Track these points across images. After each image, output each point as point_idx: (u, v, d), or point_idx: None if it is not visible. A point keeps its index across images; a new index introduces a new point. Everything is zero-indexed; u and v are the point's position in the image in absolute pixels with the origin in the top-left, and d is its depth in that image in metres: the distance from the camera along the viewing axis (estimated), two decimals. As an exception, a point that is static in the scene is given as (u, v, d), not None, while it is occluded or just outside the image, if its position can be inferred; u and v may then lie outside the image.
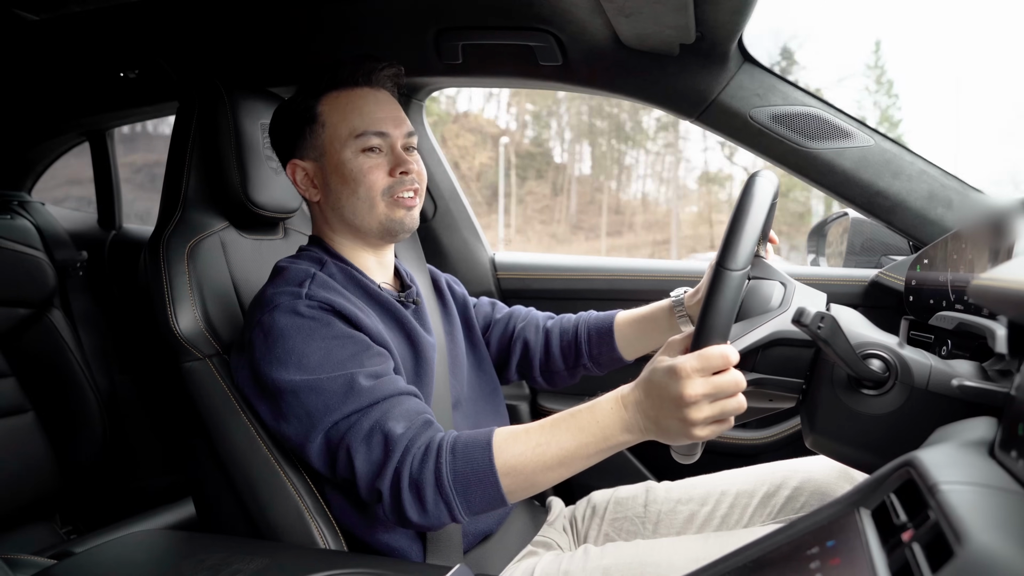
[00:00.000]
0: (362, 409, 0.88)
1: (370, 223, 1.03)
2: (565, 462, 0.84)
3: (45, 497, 1.76)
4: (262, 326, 0.94)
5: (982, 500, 0.47)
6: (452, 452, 0.84)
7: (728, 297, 0.77)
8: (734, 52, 1.28)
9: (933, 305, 1.08)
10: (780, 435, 1.51)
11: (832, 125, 1.30)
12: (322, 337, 0.91)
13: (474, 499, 0.84)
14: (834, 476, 1.08)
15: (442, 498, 0.84)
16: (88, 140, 2.14)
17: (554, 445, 0.83)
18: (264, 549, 0.88)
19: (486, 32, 1.33)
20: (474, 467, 0.83)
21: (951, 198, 1.28)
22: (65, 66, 1.61)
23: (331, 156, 1.02)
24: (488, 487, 0.83)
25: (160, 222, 1.15)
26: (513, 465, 0.83)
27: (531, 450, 0.83)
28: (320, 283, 0.98)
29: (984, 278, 0.58)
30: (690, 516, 1.14)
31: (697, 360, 0.76)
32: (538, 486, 0.86)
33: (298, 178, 1.06)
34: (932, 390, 0.73)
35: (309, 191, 1.06)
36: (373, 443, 0.87)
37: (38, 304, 1.83)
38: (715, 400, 0.76)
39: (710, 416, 0.76)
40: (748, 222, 0.79)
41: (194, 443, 1.06)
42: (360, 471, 0.87)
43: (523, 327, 1.26)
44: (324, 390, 0.89)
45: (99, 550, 0.90)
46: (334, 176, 1.02)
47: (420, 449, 0.85)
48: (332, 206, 1.05)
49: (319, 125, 1.03)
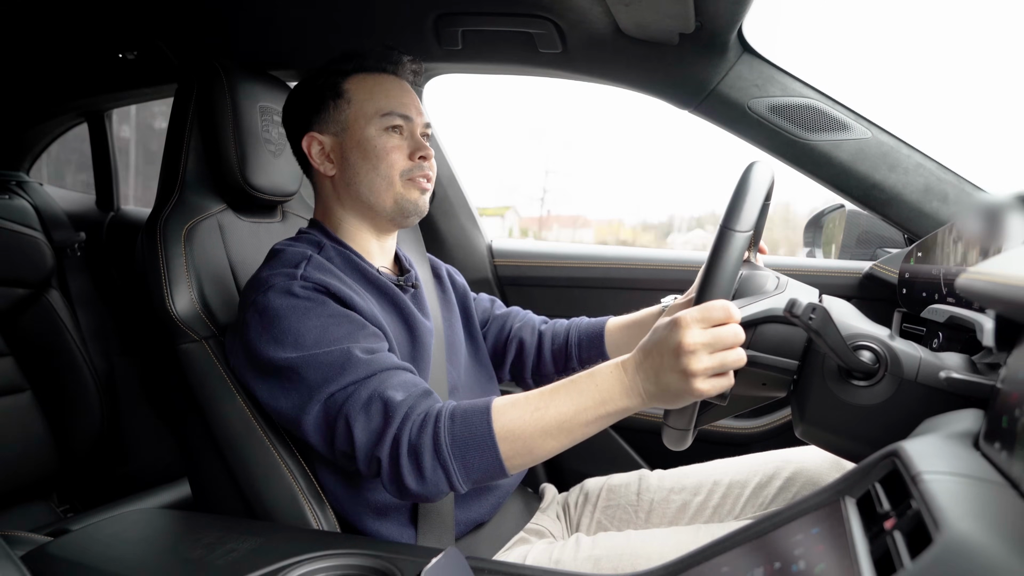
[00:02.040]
0: (359, 380, 0.88)
1: (385, 201, 1.05)
2: (564, 427, 0.83)
3: (42, 476, 1.78)
4: (256, 306, 0.94)
5: (963, 490, 0.48)
6: (451, 418, 0.84)
7: (731, 256, 0.78)
8: (733, 42, 1.28)
9: (926, 298, 1.09)
10: (772, 424, 1.52)
11: (830, 117, 1.30)
12: (317, 316, 0.92)
13: (472, 465, 0.83)
14: (827, 466, 1.08)
15: (440, 464, 0.83)
16: (86, 121, 2.14)
17: (552, 409, 0.83)
18: (259, 529, 0.89)
19: (486, 18, 1.32)
20: (472, 431, 0.83)
21: (947, 192, 1.29)
22: (64, 47, 1.60)
23: (354, 132, 1.04)
24: (486, 452, 0.83)
25: (157, 204, 1.16)
26: (511, 430, 0.83)
27: (529, 415, 0.83)
28: (316, 265, 0.98)
29: (972, 272, 0.59)
30: (683, 505, 1.14)
31: (698, 311, 0.76)
32: (536, 453, 0.84)
33: (314, 151, 1.06)
34: (921, 382, 0.74)
35: (324, 165, 1.06)
36: (372, 411, 0.86)
37: (36, 284, 1.83)
38: (715, 351, 0.76)
39: (709, 367, 0.75)
40: (752, 187, 0.81)
41: (190, 424, 1.07)
42: (359, 440, 0.86)
43: (520, 327, 1.27)
44: (321, 364, 0.89)
45: (95, 528, 0.91)
46: (355, 151, 1.04)
47: (419, 416, 0.85)
48: (348, 181, 1.05)
49: (344, 101, 1.05)
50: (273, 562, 0.74)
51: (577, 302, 1.70)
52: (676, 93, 1.37)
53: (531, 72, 1.48)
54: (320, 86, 1.06)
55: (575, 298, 1.71)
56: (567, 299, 1.72)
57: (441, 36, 1.38)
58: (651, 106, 1.32)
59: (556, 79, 1.50)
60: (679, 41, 1.27)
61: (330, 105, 1.05)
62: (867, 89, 69.92)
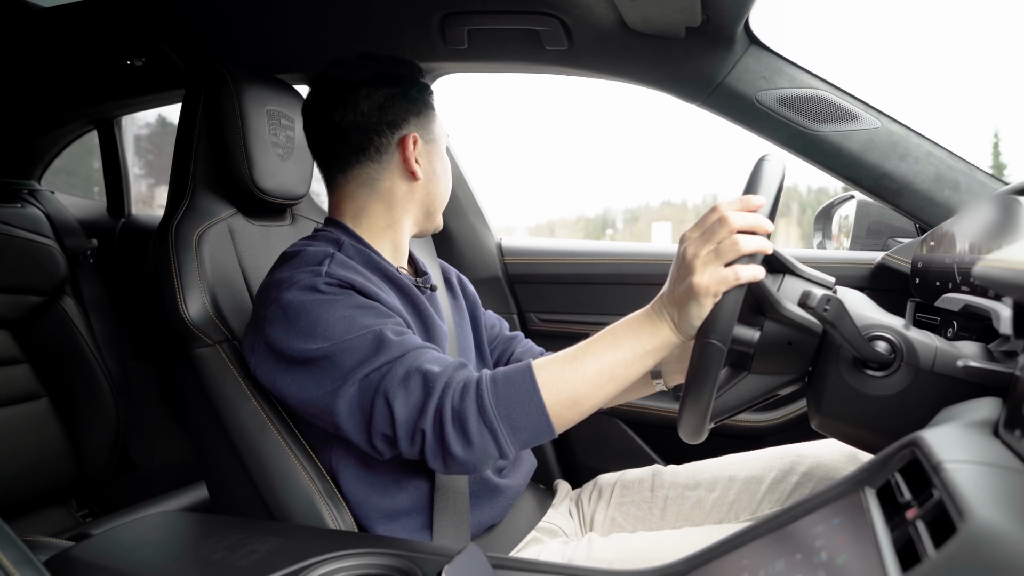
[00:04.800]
0: (394, 359, 0.87)
1: (440, 213, 1.14)
2: (604, 371, 0.84)
3: (60, 481, 1.79)
4: (280, 303, 0.92)
5: (985, 478, 0.48)
6: (493, 382, 0.84)
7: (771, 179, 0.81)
8: (740, 34, 1.27)
9: (939, 287, 1.08)
10: (786, 417, 1.52)
11: (839, 107, 1.30)
12: (344, 307, 0.91)
13: (519, 424, 0.83)
14: (843, 460, 1.07)
15: (487, 426, 0.82)
16: (96, 129, 2.15)
17: (591, 356, 0.84)
18: (279, 529, 0.89)
19: (492, 16, 1.33)
20: (516, 389, 0.83)
21: (958, 180, 1.28)
22: (72, 55, 1.61)
23: (439, 144, 1.11)
24: (533, 408, 0.83)
25: (168, 210, 1.16)
26: (553, 382, 0.83)
27: (569, 364, 0.84)
28: (339, 263, 0.98)
29: (989, 260, 0.58)
30: (698, 502, 1.13)
31: (696, 223, 0.82)
32: (582, 405, 0.85)
33: (409, 150, 1.07)
34: (937, 371, 0.74)
35: (415, 167, 1.07)
36: (411, 385, 0.85)
37: (50, 292, 1.85)
38: (707, 242, 0.79)
39: (705, 260, 0.78)
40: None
41: (205, 427, 1.07)
42: (400, 416, 0.85)
43: (521, 352, 1.27)
44: (354, 348, 0.88)
45: (117, 531, 0.92)
46: (439, 163, 1.11)
47: (460, 384, 0.85)
48: (429, 190, 1.10)
49: (435, 114, 1.12)
50: (295, 562, 0.74)
51: (588, 298, 1.70)
52: (683, 87, 1.37)
53: (537, 70, 1.48)
54: (420, 90, 1.09)
55: (586, 294, 1.71)
56: (578, 295, 1.72)
57: (447, 35, 1.38)
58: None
59: (560, 76, 1.50)
60: (686, 35, 1.27)
61: (430, 114, 1.10)
62: (876, 78, 69.65)
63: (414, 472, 1.01)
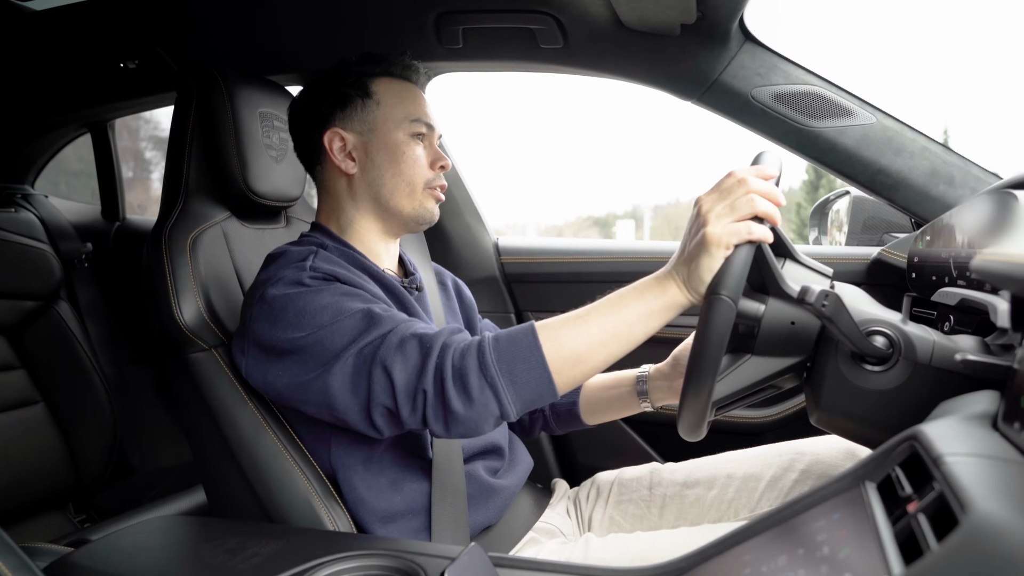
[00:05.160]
0: (386, 332, 0.87)
1: (403, 207, 1.06)
2: (609, 330, 0.83)
3: (57, 487, 1.78)
4: (265, 300, 0.92)
5: (986, 470, 0.48)
6: (495, 339, 0.84)
7: None
8: (735, 31, 1.27)
9: (935, 281, 1.08)
10: (784, 413, 1.52)
11: (834, 103, 1.30)
12: (330, 295, 0.91)
13: (521, 380, 0.82)
14: (841, 456, 1.07)
15: (488, 382, 0.81)
16: (89, 131, 2.14)
17: (595, 315, 0.83)
18: (279, 532, 0.89)
19: (486, 15, 1.32)
20: (518, 345, 0.82)
21: (953, 175, 1.28)
22: (65, 57, 1.61)
23: (382, 134, 1.04)
24: (534, 363, 0.81)
25: (162, 213, 1.16)
26: (557, 338, 0.82)
27: (573, 322, 0.83)
28: (323, 258, 0.98)
29: (986, 253, 0.59)
30: (696, 500, 1.13)
31: (713, 185, 0.81)
32: (584, 363, 0.83)
33: (335, 147, 1.05)
34: (936, 365, 0.74)
35: (345, 163, 1.05)
36: (408, 349, 0.84)
37: (44, 296, 1.84)
38: (725, 197, 0.78)
39: (721, 215, 0.77)
40: None
41: (202, 431, 1.07)
42: (399, 382, 0.84)
43: None
44: (345, 329, 0.87)
45: (116, 536, 0.91)
46: (381, 153, 1.04)
47: (460, 344, 0.84)
48: (370, 182, 1.05)
49: (373, 102, 1.05)
50: (296, 564, 0.74)
51: (585, 297, 1.68)
52: (679, 85, 1.37)
53: (533, 68, 1.48)
54: (346, 83, 1.05)
55: (583, 293, 1.69)
56: (575, 294, 1.71)
57: (442, 35, 1.38)
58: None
59: (556, 74, 1.50)
60: (681, 32, 1.27)
61: (358, 103, 1.05)
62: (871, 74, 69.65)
63: (412, 473, 1.00)
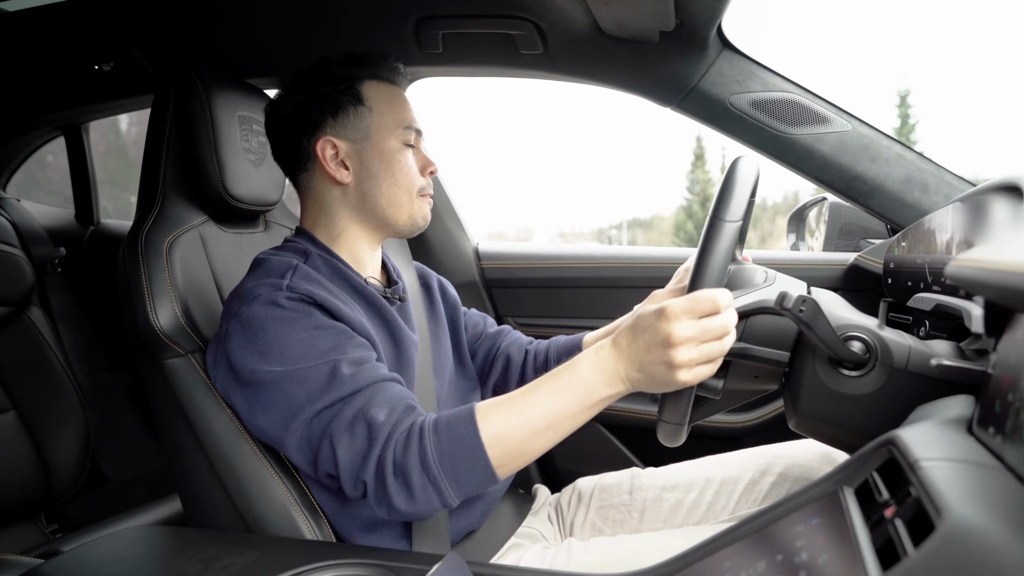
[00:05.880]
0: (344, 398, 0.86)
1: (399, 214, 1.05)
2: (551, 424, 0.82)
3: (29, 496, 1.74)
4: (240, 318, 0.91)
5: (961, 475, 0.48)
6: (435, 432, 0.82)
7: (722, 245, 0.78)
8: (713, 39, 1.28)
9: (911, 287, 1.10)
10: (763, 418, 1.53)
11: (811, 111, 1.32)
12: (303, 328, 0.90)
13: (463, 477, 0.81)
14: (818, 461, 1.08)
15: (430, 481, 0.81)
16: (63, 134, 2.11)
17: (538, 407, 0.82)
18: (255, 542, 0.88)
19: (466, 20, 1.32)
20: (460, 443, 0.81)
21: (927, 181, 1.30)
22: (38, 59, 1.58)
23: (376, 142, 1.03)
24: (476, 462, 0.81)
25: (138, 217, 1.14)
26: (499, 434, 0.81)
27: (515, 416, 0.81)
28: (302, 275, 0.96)
29: (961, 259, 0.59)
30: (676, 504, 1.14)
31: (687, 302, 0.76)
32: (527, 455, 0.83)
33: (327, 155, 1.02)
34: (911, 370, 0.75)
35: (339, 172, 1.03)
36: (356, 432, 0.84)
37: (16, 302, 1.80)
38: (702, 343, 0.76)
39: (695, 359, 0.76)
40: (740, 179, 0.82)
41: (179, 438, 1.05)
42: (343, 462, 0.84)
43: (508, 344, 1.26)
44: (306, 379, 0.87)
45: (88, 548, 0.89)
46: (377, 161, 1.03)
47: (403, 434, 0.83)
48: (364, 191, 1.03)
49: (366, 108, 1.03)
50: (273, 575, 0.73)
51: (565, 302, 1.70)
52: (658, 91, 1.38)
53: (513, 73, 1.48)
54: (337, 89, 1.02)
55: (563, 298, 1.71)
56: (555, 300, 1.72)
57: (421, 40, 1.38)
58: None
59: (536, 80, 1.50)
60: (659, 39, 1.28)
61: (350, 110, 1.02)
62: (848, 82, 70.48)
63: None
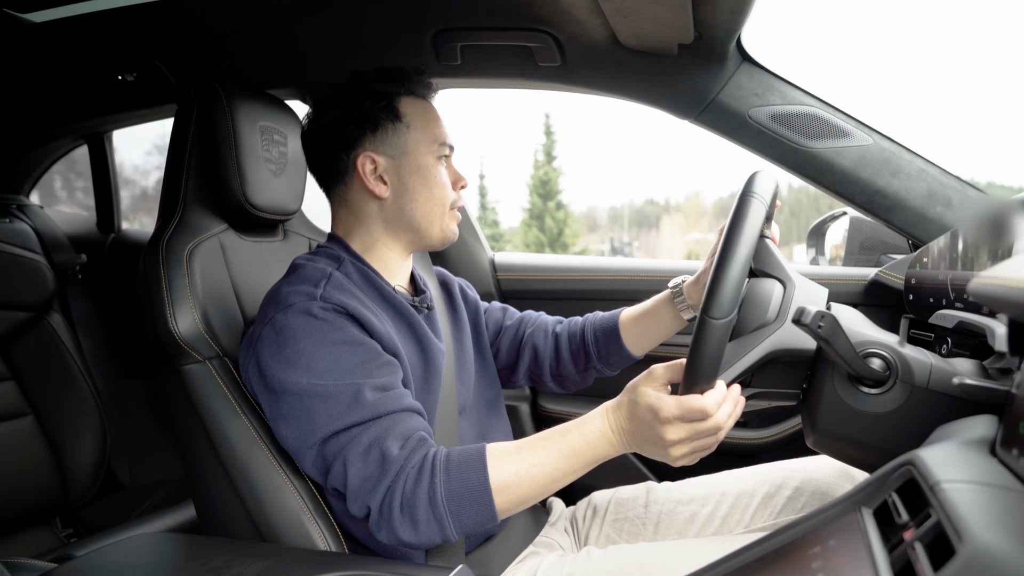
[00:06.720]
0: (364, 422, 0.88)
1: (433, 229, 1.07)
2: (557, 480, 0.87)
3: (45, 501, 1.76)
4: (274, 324, 0.93)
5: (983, 498, 0.47)
6: (446, 471, 0.85)
7: (712, 346, 0.78)
8: (732, 52, 1.28)
9: (933, 304, 1.08)
10: (780, 435, 1.51)
11: (831, 124, 1.30)
12: (332, 342, 0.91)
13: (467, 517, 0.85)
14: (835, 476, 1.08)
15: (435, 517, 0.84)
16: (87, 143, 2.14)
17: (548, 466, 0.86)
18: (266, 551, 0.88)
19: (484, 33, 1.33)
20: (468, 486, 0.84)
21: (950, 196, 1.28)
22: (63, 69, 1.61)
23: (414, 157, 1.05)
24: (482, 506, 0.84)
25: (159, 225, 1.15)
26: (507, 484, 0.85)
27: (525, 469, 0.86)
28: (336, 284, 0.97)
29: (984, 276, 0.58)
30: (691, 517, 1.14)
31: (677, 409, 0.81)
32: (527, 503, 0.88)
33: (367, 170, 1.04)
34: (933, 388, 0.73)
35: (377, 186, 1.04)
36: (370, 459, 0.87)
37: (37, 308, 1.83)
38: (693, 441, 0.83)
39: (687, 452, 0.83)
40: (732, 268, 0.78)
41: (194, 445, 1.06)
42: (352, 484, 0.87)
43: (532, 332, 1.26)
44: (329, 397, 0.89)
45: (100, 553, 0.90)
46: (414, 176, 1.05)
47: (414, 468, 0.85)
48: (402, 205, 1.05)
49: (403, 124, 1.05)
50: (281, 585, 0.72)
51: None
52: (676, 104, 1.37)
53: (530, 85, 1.48)
54: (376, 105, 1.04)
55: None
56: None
57: (440, 52, 1.38)
58: None
59: (554, 91, 1.50)
60: (678, 52, 1.28)
61: (388, 126, 1.04)
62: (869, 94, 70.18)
63: None
